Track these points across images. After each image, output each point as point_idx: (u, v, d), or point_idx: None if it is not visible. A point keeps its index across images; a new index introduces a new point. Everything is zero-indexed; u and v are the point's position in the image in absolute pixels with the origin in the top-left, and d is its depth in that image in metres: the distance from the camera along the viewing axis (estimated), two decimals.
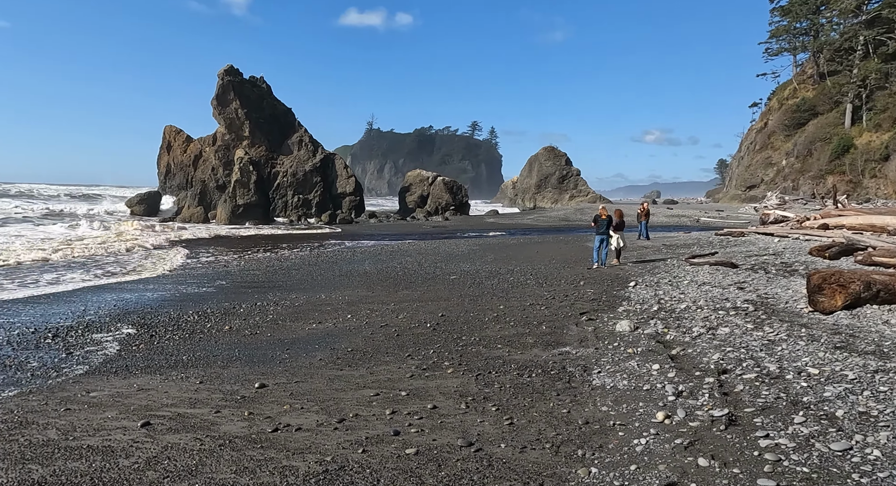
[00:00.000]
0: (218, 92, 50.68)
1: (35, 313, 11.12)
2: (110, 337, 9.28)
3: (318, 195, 51.89)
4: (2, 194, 66.71)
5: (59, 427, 5.19)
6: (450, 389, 6.13)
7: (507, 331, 8.74)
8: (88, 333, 9.51)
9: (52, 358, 8.06)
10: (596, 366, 6.75)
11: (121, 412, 5.60)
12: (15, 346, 8.65)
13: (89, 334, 9.41)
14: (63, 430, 5.12)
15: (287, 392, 6.15)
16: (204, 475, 4.13)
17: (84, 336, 9.30)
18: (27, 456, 4.52)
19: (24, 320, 10.35)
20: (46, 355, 8.19)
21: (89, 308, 11.52)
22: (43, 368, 7.57)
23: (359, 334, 8.92)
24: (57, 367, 7.63)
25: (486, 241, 28.46)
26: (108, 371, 7.31)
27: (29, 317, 10.69)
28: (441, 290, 13.04)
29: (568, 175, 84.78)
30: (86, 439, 4.89)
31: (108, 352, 8.40)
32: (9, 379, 7.10)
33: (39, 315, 10.85)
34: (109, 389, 6.49)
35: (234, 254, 23.63)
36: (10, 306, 11.74)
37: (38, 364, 7.75)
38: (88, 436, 4.96)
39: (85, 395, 6.24)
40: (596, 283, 12.92)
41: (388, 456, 4.46)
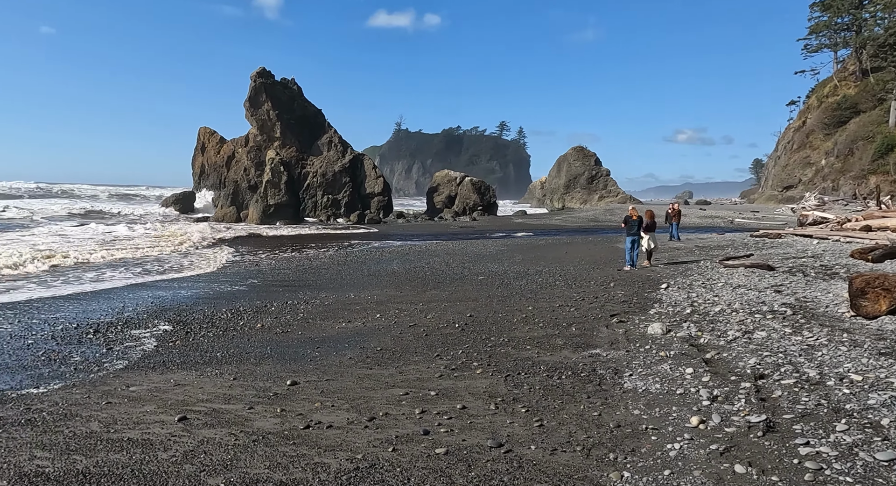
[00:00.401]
0: (250, 94, 51.67)
1: (78, 309, 11.51)
2: (148, 333, 9.54)
3: (347, 195, 52.44)
4: (57, 195, 69.13)
5: (101, 420, 5.36)
6: (479, 389, 6.12)
7: (536, 332, 8.68)
8: (127, 329, 9.79)
9: (93, 353, 8.33)
10: (627, 369, 6.66)
11: (159, 407, 5.75)
12: (59, 340, 8.97)
13: (128, 331, 9.69)
14: (105, 423, 5.29)
15: (318, 390, 6.23)
16: (239, 470, 4.22)
17: (123, 332, 9.59)
18: (72, 447, 4.69)
19: (68, 316, 10.72)
20: (88, 350, 8.47)
21: (128, 305, 11.87)
22: (85, 362, 7.83)
23: (388, 334, 8.98)
24: (98, 361, 7.89)
25: (514, 241, 28.34)
26: (146, 366, 7.52)
27: (73, 313, 11.07)
28: (469, 290, 13.03)
29: (597, 175, 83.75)
30: (126, 431, 5.05)
31: (146, 348, 8.65)
32: (54, 372, 7.37)
33: (81, 311, 11.23)
34: (148, 384, 6.67)
35: (270, 253, 24.06)
36: (51, 303, 12.18)
37: (80, 359, 8.02)
38: (129, 429, 5.11)
39: (125, 389, 6.43)
40: (626, 284, 12.74)
41: (419, 455, 4.48)
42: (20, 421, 5.37)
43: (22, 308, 11.44)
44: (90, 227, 35.88)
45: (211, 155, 56.47)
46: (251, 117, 52.40)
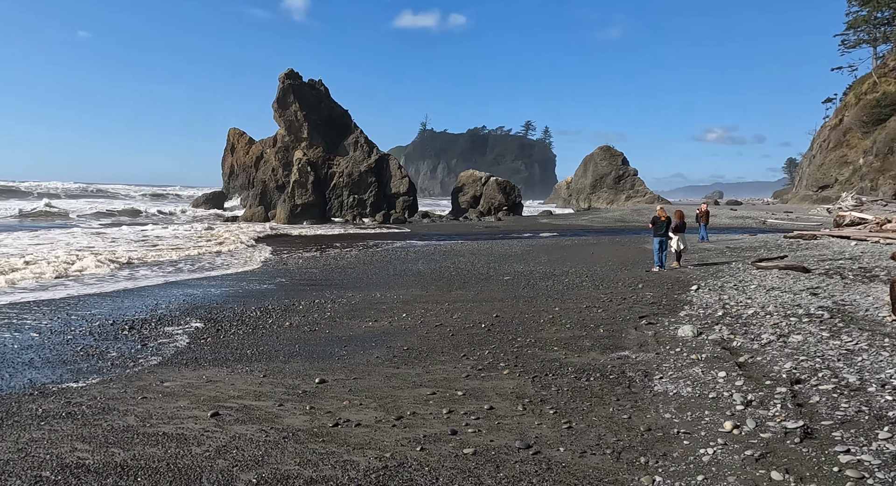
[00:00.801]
0: (279, 95, 52.42)
1: (113, 306, 11.83)
2: (180, 330, 9.75)
3: (372, 195, 52.80)
4: (94, 195, 71.28)
5: (138, 414, 5.50)
6: (506, 390, 6.10)
7: (562, 333, 8.61)
8: (161, 326, 10.03)
9: (129, 349, 8.54)
10: (657, 371, 6.56)
11: (192, 402, 5.88)
12: (96, 336, 9.23)
13: (161, 327, 9.92)
14: (141, 417, 5.43)
15: (346, 388, 6.29)
16: (270, 466, 4.29)
17: (157, 329, 9.81)
18: (110, 440, 4.82)
19: (104, 313, 11.03)
20: (124, 346, 8.69)
21: (161, 302, 12.15)
22: (121, 358, 8.04)
23: (414, 333, 9.02)
24: (133, 357, 8.09)
25: (539, 242, 28.16)
26: (179, 363, 7.69)
27: (109, 310, 11.38)
28: (495, 290, 12.99)
29: (624, 175, 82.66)
30: (161, 426, 5.17)
31: (179, 344, 8.84)
32: (91, 367, 7.58)
33: (117, 308, 11.54)
34: (181, 380, 6.82)
35: (298, 252, 24.37)
36: (88, 300, 12.54)
37: (116, 354, 8.23)
38: (163, 424, 5.23)
39: (159, 384, 6.59)
40: (655, 286, 12.55)
41: (447, 455, 4.48)
42: (61, 414, 5.54)
43: (61, 305, 11.81)
44: (125, 227, 36.86)
45: (240, 155, 57.48)
46: (279, 118, 53.17)
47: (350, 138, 54.46)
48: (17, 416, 5.47)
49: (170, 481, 4.05)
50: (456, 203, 62.99)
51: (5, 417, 5.47)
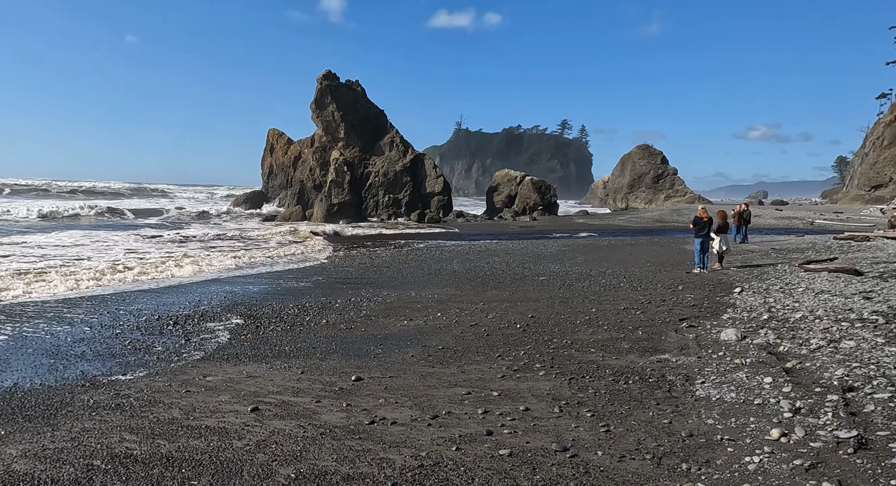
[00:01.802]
0: (316, 96, 53.26)
1: (160, 302, 12.23)
2: (221, 326, 10.01)
3: (407, 195, 53.11)
4: (151, 195, 74.02)
5: (182, 407, 5.67)
6: (542, 391, 6.03)
7: (600, 335, 8.47)
8: (203, 321, 10.31)
9: (173, 343, 8.82)
10: (699, 376, 6.38)
11: (233, 397, 6.02)
12: (143, 331, 9.56)
13: (204, 323, 10.20)
14: (185, 410, 5.59)
15: (382, 387, 6.34)
16: (308, 461, 4.35)
17: (200, 325, 10.10)
18: (156, 432, 4.98)
19: (151, 308, 11.41)
20: (169, 341, 8.97)
21: (204, 299, 12.50)
22: (166, 352, 8.31)
23: (449, 333, 9.02)
24: (178, 352, 8.35)
25: (575, 242, 27.80)
26: (221, 358, 7.89)
27: (155, 306, 11.77)
28: (530, 291, 12.89)
29: (664, 174, 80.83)
30: (204, 419, 5.31)
31: (220, 340, 9.07)
32: (139, 361, 7.86)
33: (163, 304, 11.92)
34: (223, 374, 7.00)
35: (338, 249, 24.71)
36: (139, 296, 13.00)
37: (162, 349, 8.51)
38: (206, 417, 5.38)
39: (202, 379, 6.78)
40: (696, 288, 12.22)
41: (482, 456, 4.46)
42: (111, 405, 5.76)
43: (111, 301, 12.28)
44: (179, 229, 38.10)
45: (279, 155, 58.68)
46: (317, 119, 54.03)
47: (386, 138, 54.90)
48: (71, 406, 5.71)
49: (212, 473, 4.16)
50: (490, 203, 62.79)
51: (60, 407, 5.71)
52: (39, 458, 4.37)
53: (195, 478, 4.07)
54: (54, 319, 10.27)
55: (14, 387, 6.47)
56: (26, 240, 24.26)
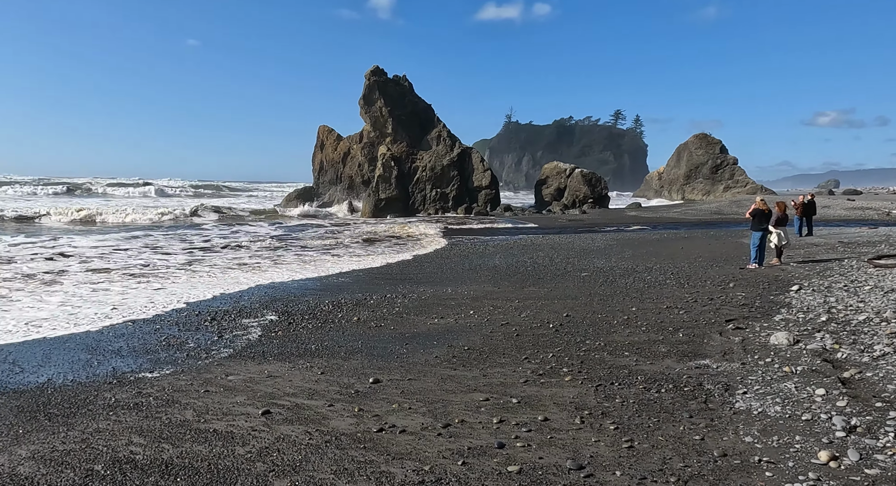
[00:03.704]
0: (365, 92, 53.76)
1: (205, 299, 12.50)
2: (255, 323, 10.09)
3: (454, 189, 52.90)
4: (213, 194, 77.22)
5: (196, 408, 5.64)
6: (565, 399, 5.66)
7: (636, 337, 7.96)
8: (240, 318, 10.43)
9: (205, 340, 8.93)
10: (741, 385, 5.84)
11: (248, 398, 5.96)
12: (181, 327, 9.75)
13: (240, 320, 10.31)
14: (198, 411, 5.56)
15: (398, 390, 6.12)
16: (305, 473, 4.18)
17: (235, 321, 10.21)
18: (164, 435, 4.95)
19: (201, 305, 11.65)
20: (202, 337, 9.10)
21: (245, 295, 12.69)
22: (196, 349, 8.41)
23: (478, 332, 8.72)
24: (207, 349, 8.43)
25: (624, 236, 26.82)
26: (247, 356, 7.90)
27: (204, 302, 12.03)
28: (570, 287, 12.40)
29: (723, 164, 77.12)
30: (214, 422, 5.25)
31: (251, 337, 9.12)
32: (169, 357, 7.98)
33: (208, 302, 12.17)
34: (244, 373, 6.98)
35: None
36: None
37: (193, 345, 8.63)
38: (217, 420, 5.32)
39: (223, 378, 6.77)
40: (749, 285, 11.40)
41: (489, 472, 4.16)
42: (129, 405, 5.81)
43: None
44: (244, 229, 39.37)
45: (329, 152, 59.66)
46: (365, 115, 54.55)
47: (433, 133, 54.82)
48: (91, 405, 5.79)
49: (206, 483, 4.05)
50: (539, 196, 61.75)
51: (81, 405, 5.81)
52: (45, 461, 4.40)
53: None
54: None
55: (47, 383, 6.66)
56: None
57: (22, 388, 6.40)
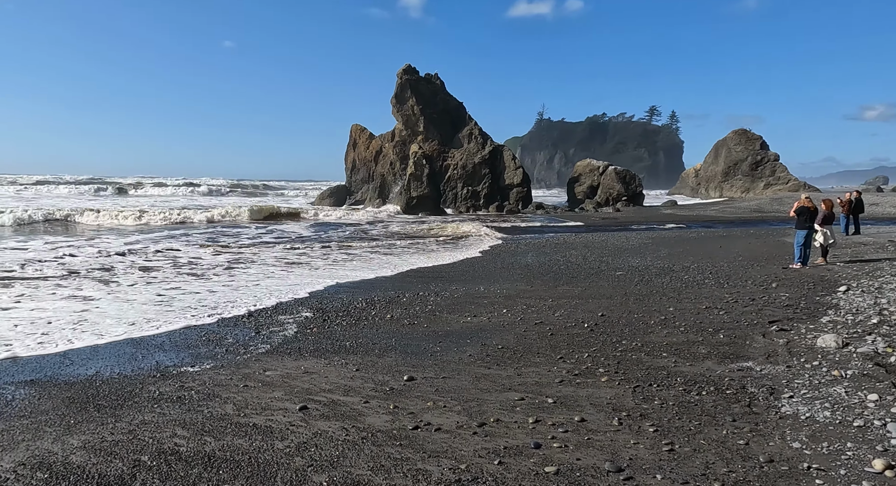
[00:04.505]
0: (397, 91, 54.06)
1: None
2: (291, 319, 10.25)
3: (486, 187, 52.76)
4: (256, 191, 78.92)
5: (236, 403, 5.76)
6: (602, 400, 5.57)
7: (675, 337, 7.79)
8: (276, 314, 10.62)
9: (244, 336, 9.12)
10: (787, 389, 5.64)
11: (286, 393, 6.05)
12: (220, 323, 9.98)
13: (276, 316, 10.50)
14: (238, 406, 5.67)
15: (433, 388, 6.13)
16: (342, 469, 4.22)
17: (272, 317, 10.40)
18: (206, 428, 5.07)
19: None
20: (240, 333, 9.29)
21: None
22: (235, 344, 8.59)
23: (511, 331, 8.67)
24: (245, 344, 8.60)
25: (660, 234, 26.28)
26: (284, 352, 8.03)
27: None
28: (604, 287, 12.21)
29: (763, 161, 74.81)
30: (254, 417, 5.35)
31: (287, 333, 9.27)
32: (209, 352, 8.17)
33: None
34: (281, 369, 7.10)
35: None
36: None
37: (232, 341, 8.82)
38: (256, 414, 5.42)
39: (261, 373, 6.90)
40: (793, 286, 11.02)
41: (526, 472, 4.13)
42: (173, 398, 5.97)
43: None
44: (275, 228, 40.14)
45: (361, 150, 60.22)
46: (397, 113, 54.86)
47: (464, 130, 54.77)
48: (137, 398, 5.98)
49: (247, 476, 4.13)
50: (571, 194, 61.06)
51: (128, 397, 6.00)
52: (95, 450, 4.55)
53: (229, 481, 4.06)
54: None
55: (95, 375, 6.90)
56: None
57: (72, 380, 6.65)
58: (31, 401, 5.84)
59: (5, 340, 8.50)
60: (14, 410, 5.57)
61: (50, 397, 5.94)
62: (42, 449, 4.58)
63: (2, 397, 5.96)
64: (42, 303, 11.12)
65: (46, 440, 4.78)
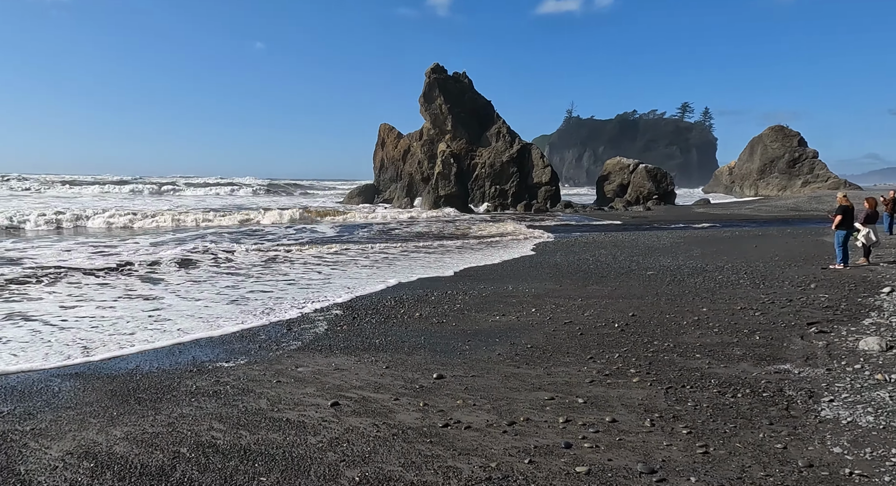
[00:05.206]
0: (425, 90, 54.21)
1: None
2: (321, 317, 10.41)
3: (514, 186, 52.54)
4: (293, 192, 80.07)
5: (270, 398, 5.89)
6: (633, 401, 5.51)
7: (708, 338, 7.64)
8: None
9: (276, 333, 9.29)
10: (827, 392, 5.49)
11: (318, 390, 6.15)
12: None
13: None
14: (272, 401, 5.80)
15: (462, 386, 6.15)
16: (374, 464, 4.28)
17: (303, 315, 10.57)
18: (241, 422, 5.20)
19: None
20: (273, 330, 9.47)
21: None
22: (268, 341, 8.77)
23: (540, 330, 8.63)
24: (278, 341, 8.77)
25: (692, 233, 25.77)
26: (315, 349, 8.16)
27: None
28: (634, 286, 12.05)
29: (801, 158, 72.64)
30: (287, 412, 5.46)
31: (318, 331, 9.41)
32: (243, 348, 8.36)
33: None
34: (313, 365, 7.22)
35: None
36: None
37: (265, 337, 9.00)
38: (289, 409, 5.53)
39: (293, 370, 7.03)
40: (833, 286, 10.70)
41: (557, 472, 4.11)
42: (209, 392, 6.13)
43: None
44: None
45: (389, 149, 60.61)
46: (425, 112, 55.02)
47: (492, 129, 54.62)
48: (175, 391, 6.16)
49: (282, 469, 4.22)
50: (601, 192, 60.35)
51: (167, 391, 6.18)
52: (138, 442, 4.71)
53: (265, 474, 4.15)
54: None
55: (136, 369, 7.14)
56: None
57: (113, 373, 6.89)
58: (76, 393, 6.07)
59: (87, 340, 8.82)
60: (61, 401, 5.80)
61: (94, 390, 6.16)
62: (87, 439, 4.76)
63: (48, 389, 6.22)
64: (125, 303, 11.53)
65: (91, 430, 4.97)
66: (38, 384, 6.40)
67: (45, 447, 4.60)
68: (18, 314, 10.10)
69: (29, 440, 4.75)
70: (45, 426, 5.08)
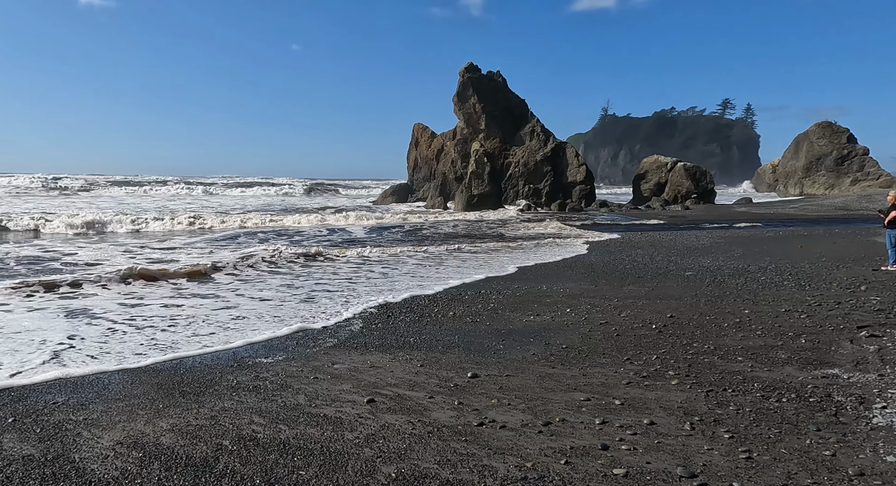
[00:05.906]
0: (458, 89, 54.27)
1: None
2: (357, 315, 10.54)
3: (548, 185, 52.09)
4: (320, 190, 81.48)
5: (307, 394, 6.00)
6: (672, 404, 5.40)
7: (751, 341, 7.43)
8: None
9: (313, 330, 9.46)
10: (879, 399, 5.27)
11: (354, 386, 6.24)
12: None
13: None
14: (309, 396, 5.91)
15: (496, 386, 6.15)
16: (410, 461, 4.31)
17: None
18: (280, 417, 5.32)
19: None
20: (309, 326, 9.64)
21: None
22: (305, 338, 8.93)
23: (576, 331, 8.54)
24: (315, 338, 8.93)
25: (733, 233, 25.07)
26: (350, 346, 8.27)
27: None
28: (672, 287, 11.80)
29: (850, 155, 69.77)
30: (324, 408, 5.56)
31: (353, 328, 9.53)
32: (281, 345, 8.54)
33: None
34: (349, 363, 7.32)
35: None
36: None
37: (302, 334, 9.17)
38: (326, 405, 5.62)
39: (330, 366, 7.14)
40: (886, 289, 10.25)
41: (594, 473, 4.07)
42: (249, 387, 6.29)
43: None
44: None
45: (423, 149, 60.91)
46: (458, 111, 55.07)
47: (526, 128, 54.28)
48: (217, 386, 6.34)
49: (320, 464, 4.30)
50: (637, 191, 59.25)
51: (209, 385, 6.37)
52: (182, 433, 4.88)
53: (304, 468, 4.24)
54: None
55: (179, 363, 7.37)
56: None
57: (159, 367, 7.14)
58: (124, 385, 6.32)
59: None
60: (111, 393, 6.04)
61: (141, 383, 6.40)
62: (136, 430, 4.95)
63: (99, 381, 6.48)
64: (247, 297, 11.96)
65: (139, 421, 5.16)
66: (90, 376, 6.68)
67: (97, 437, 4.81)
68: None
69: (82, 430, 4.96)
70: (96, 416, 5.30)
